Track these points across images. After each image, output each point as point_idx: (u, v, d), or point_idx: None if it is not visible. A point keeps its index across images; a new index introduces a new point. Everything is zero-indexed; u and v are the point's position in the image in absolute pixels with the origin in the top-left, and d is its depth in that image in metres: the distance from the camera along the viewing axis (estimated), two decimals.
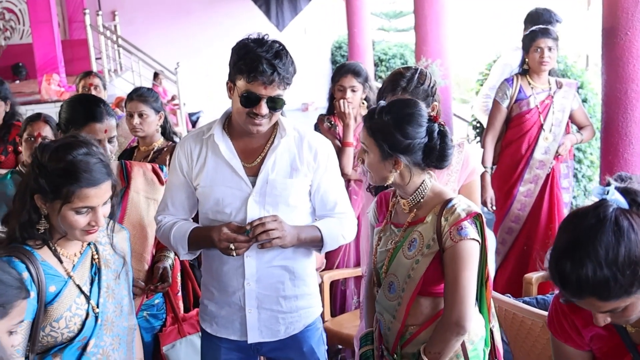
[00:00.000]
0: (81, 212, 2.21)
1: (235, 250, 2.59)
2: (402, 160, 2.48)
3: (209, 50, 14.38)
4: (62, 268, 2.30)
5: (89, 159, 2.20)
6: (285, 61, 2.56)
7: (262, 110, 2.58)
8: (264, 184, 2.70)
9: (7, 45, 13.45)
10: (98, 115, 2.86)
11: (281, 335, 2.83)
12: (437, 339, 2.45)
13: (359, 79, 4.38)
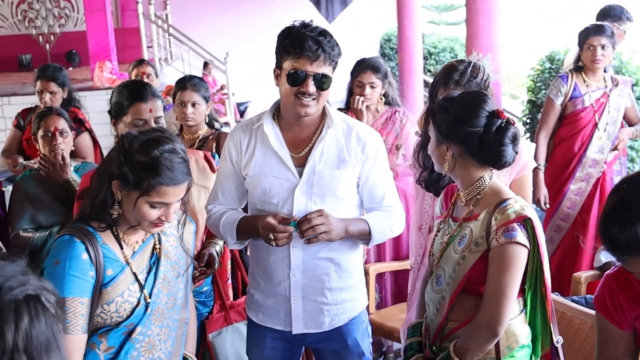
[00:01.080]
0: (155, 207, 2.25)
1: (274, 241, 2.59)
2: (452, 148, 2.44)
3: (258, 40, 14.42)
4: (121, 254, 2.34)
5: (173, 158, 2.24)
6: (329, 39, 2.58)
7: (309, 87, 2.59)
8: (311, 174, 2.71)
9: (61, 32, 13.67)
10: (143, 96, 2.90)
11: (325, 327, 2.83)
12: (467, 336, 2.42)
13: (378, 75, 4.35)
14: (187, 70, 11.57)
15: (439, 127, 2.47)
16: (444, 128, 2.45)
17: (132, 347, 2.37)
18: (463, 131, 2.42)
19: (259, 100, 12.19)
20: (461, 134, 2.42)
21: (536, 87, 7.39)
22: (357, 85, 4.35)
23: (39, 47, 13.53)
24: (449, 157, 2.47)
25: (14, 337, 1.32)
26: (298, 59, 2.57)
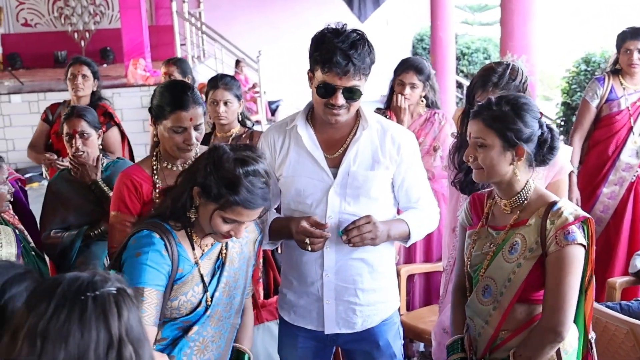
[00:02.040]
0: (228, 222, 2.29)
1: (310, 245, 2.59)
2: (526, 149, 2.41)
3: (290, 39, 14.47)
4: (192, 254, 2.39)
5: (256, 182, 2.27)
6: (361, 51, 2.53)
7: (338, 101, 2.57)
8: (345, 175, 2.70)
9: (96, 29, 13.84)
10: (184, 104, 2.86)
11: (358, 328, 2.82)
12: (530, 344, 2.39)
13: (420, 77, 4.31)
14: (219, 68, 11.63)
15: (503, 136, 2.40)
16: (512, 134, 2.40)
17: (186, 344, 2.42)
18: (530, 134, 2.40)
19: (290, 98, 12.23)
20: (529, 137, 2.40)
21: (571, 89, 7.31)
22: (398, 84, 4.33)
23: (74, 44, 13.71)
24: (516, 163, 2.43)
25: (119, 328, 1.37)
26: (327, 72, 2.54)
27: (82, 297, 1.37)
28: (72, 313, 1.35)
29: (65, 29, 13.88)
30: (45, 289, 1.39)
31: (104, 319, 1.36)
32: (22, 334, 1.34)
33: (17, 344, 1.34)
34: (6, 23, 14.20)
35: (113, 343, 1.36)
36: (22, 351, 1.33)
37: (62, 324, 1.34)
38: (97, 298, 1.37)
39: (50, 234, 3.58)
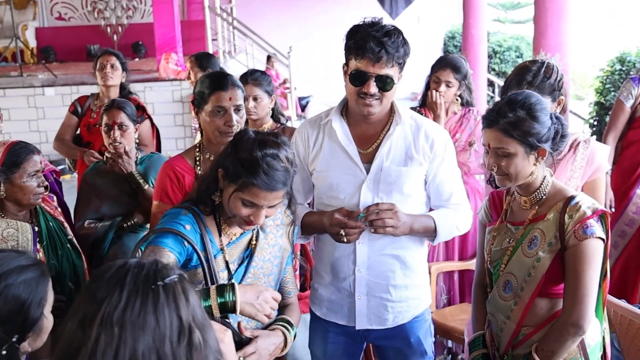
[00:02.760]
0: (246, 205, 2.28)
1: (345, 237, 2.59)
2: (547, 149, 2.43)
3: (321, 35, 14.47)
4: (218, 240, 2.41)
5: (274, 163, 2.25)
6: (394, 40, 2.53)
7: (370, 89, 2.57)
8: (378, 171, 2.70)
9: (128, 24, 13.97)
10: (223, 84, 2.93)
11: (389, 324, 2.83)
12: (552, 338, 2.40)
13: (457, 75, 4.28)
14: (250, 64, 11.67)
15: (524, 141, 2.41)
16: (534, 138, 2.40)
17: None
18: (548, 132, 2.42)
19: (320, 95, 12.24)
20: (547, 135, 2.42)
21: (605, 89, 7.22)
22: (434, 81, 4.31)
23: (106, 38, 13.85)
24: (539, 163, 2.45)
25: (186, 315, 1.38)
26: (361, 59, 2.55)
27: (153, 286, 1.38)
28: (145, 302, 1.36)
29: (98, 23, 14.03)
30: (111, 278, 1.41)
31: (175, 307, 1.38)
32: (96, 323, 1.35)
33: (91, 333, 1.35)
34: (41, 17, 14.38)
35: (184, 330, 1.38)
36: (100, 341, 1.34)
37: (138, 313, 1.35)
38: (167, 286, 1.39)
39: (84, 224, 3.62)
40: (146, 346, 1.34)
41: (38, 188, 2.96)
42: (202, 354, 1.39)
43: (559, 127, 2.45)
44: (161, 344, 1.35)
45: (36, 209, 3.09)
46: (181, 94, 9.86)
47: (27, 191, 2.93)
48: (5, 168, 2.89)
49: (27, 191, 2.93)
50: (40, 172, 2.98)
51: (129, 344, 1.33)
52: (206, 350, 1.41)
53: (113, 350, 1.33)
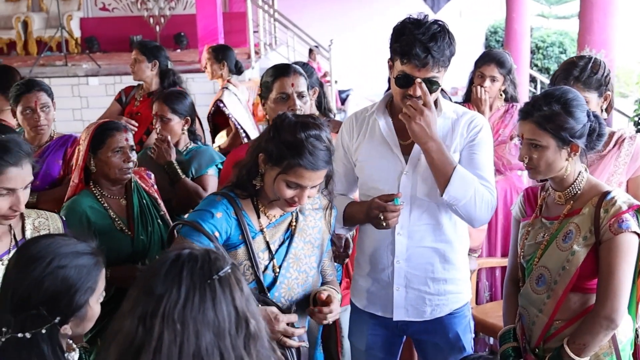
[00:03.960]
0: (291, 187, 2.36)
1: (384, 221, 2.58)
2: (580, 145, 2.45)
3: (362, 28, 14.45)
4: (257, 222, 2.48)
5: (317, 144, 2.33)
6: (440, 44, 2.53)
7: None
8: (417, 161, 2.72)
9: (171, 15, 14.05)
10: (286, 71, 3.09)
11: (427, 317, 2.83)
12: (584, 331, 2.41)
13: (501, 70, 4.25)
14: (291, 56, 11.71)
15: (557, 135, 2.43)
16: (567, 133, 2.43)
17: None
18: (582, 129, 2.44)
19: (360, 88, 12.22)
20: (581, 131, 2.44)
21: None
22: (478, 76, 4.29)
23: (149, 29, 13.94)
24: (572, 158, 2.48)
25: (242, 304, 1.42)
26: (406, 63, 2.56)
27: (209, 280, 1.41)
28: (204, 297, 1.39)
29: (141, 13, 14.13)
30: (168, 272, 1.43)
31: (232, 299, 1.41)
32: (157, 320, 1.38)
33: (153, 330, 1.38)
34: (85, 7, 14.57)
35: (241, 321, 1.41)
36: (163, 338, 1.37)
37: (198, 309, 1.38)
38: (223, 279, 1.42)
39: None
40: (208, 342, 1.37)
41: (124, 164, 3.10)
42: (258, 342, 1.43)
43: (596, 125, 2.47)
44: (222, 339, 1.38)
45: (131, 184, 3.23)
46: None
47: (112, 166, 3.09)
48: (93, 144, 3.09)
49: (112, 166, 3.09)
50: (126, 149, 3.12)
51: (192, 341, 1.37)
52: (261, 337, 1.44)
53: (177, 347, 1.37)
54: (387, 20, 2.67)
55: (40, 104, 3.81)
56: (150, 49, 5.07)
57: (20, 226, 2.57)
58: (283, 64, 3.26)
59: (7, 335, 1.79)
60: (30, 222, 2.60)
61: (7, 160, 2.31)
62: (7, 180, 2.32)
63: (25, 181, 2.37)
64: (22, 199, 2.38)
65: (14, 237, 2.52)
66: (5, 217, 2.39)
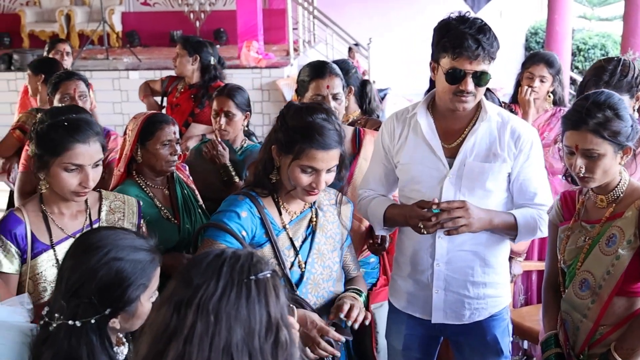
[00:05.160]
0: (306, 172, 2.38)
1: (424, 229, 2.59)
2: (632, 147, 2.43)
3: (401, 28, 14.38)
4: (279, 219, 2.50)
5: (325, 125, 2.37)
6: (489, 35, 2.54)
7: (467, 86, 2.57)
8: (461, 166, 2.69)
9: (211, 10, 14.14)
10: (322, 73, 3.12)
11: (465, 320, 2.82)
12: (632, 335, 2.39)
13: (550, 70, 4.21)
14: (329, 54, 11.70)
15: (614, 141, 2.39)
16: (624, 137, 2.40)
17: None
18: (632, 129, 2.41)
19: (398, 88, 12.16)
20: (633, 132, 2.42)
21: None
22: (527, 77, 4.25)
23: (189, 24, 14.05)
24: (623, 161, 2.46)
25: (275, 312, 1.42)
26: (457, 57, 2.55)
27: (246, 279, 1.42)
28: (239, 295, 1.40)
29: (181, 9, 14.25)
30: (209, 265, 1.45)
31: (266, 303, 1.41)
32: (192, 309, 1.40)
33: (187, 318, 1.39)
34: (127, 1, 14.72)
35: (272, 327, 1.41)
36: (196, 327, 1.38)
37: (233, 304, 1.39)
38: (259, 282, 1.43)
39: None
40: (239, 338, 1.38)
41: (170, 156, 3.17)
42: (287, 352, 1.42)
43: (635, 124, 2.45)
44: (251, 338, 1.39)
45: (173, 176, 3.30)
46: (261, 81, 9.96)
47: (159, 158, 3.16)
48: (142, 136, 3.14)
49: (159, 158, 3.16)
50: (173, 142, 3.18)
51: (224, 334, 1.37)
52: (292, 349, 1.44)
53: (208, 339, 1.37)
54: (426, 19, 2.67)
55: (79, 92, 3.96)
56: (192, 44, 5.15)
57: (97, 207, 2.66)
58: (320, 64, 3.27)
59: (58, 321, 1.82)
60: (107, 203, 2.69)
61: (75, 137, 2.42)
62: (75, 156, 2.42)
63: (93, 158, 2.47)
64: (91, 176, 2.47)
65: (89, 217, 2.61)
66: (76, 193, 2.48)
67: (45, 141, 2.45)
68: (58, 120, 2.46)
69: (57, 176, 2.44)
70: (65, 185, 2.45)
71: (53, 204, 2.55)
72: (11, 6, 14.48)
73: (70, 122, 2.45)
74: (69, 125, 2.44)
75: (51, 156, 2.43)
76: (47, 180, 2.48)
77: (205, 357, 1.37)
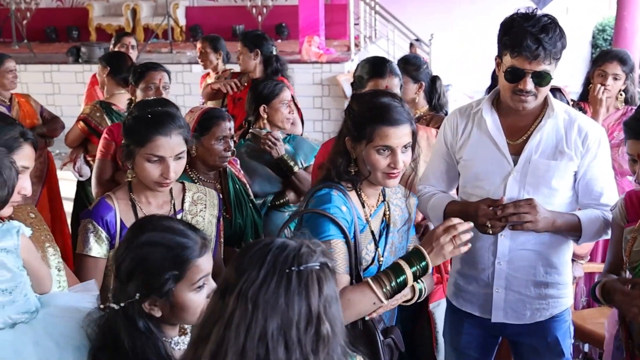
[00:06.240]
0: (382, 153, 2.37)
1: (491, 229, 2.56)
2: None
3: (464, 25, 14.21)
4: (363, 213, 2.50)
5: (391, 101, 2.39)
6: (552, 35, 2.47)
7: (526, 85, 2.52)
8: (526, 163, 2.65)
9: (273, 5, 14.22)
10: (382, 72, 3.12)
11: (526, 320, 2.78)
12: None
13: (624, 68, 4.12)
14: (390, 50, 11.66)
15: None
16: None
17: None
18: None
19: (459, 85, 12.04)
20: None
21: None
22: (599, 75, 4.17)
23: (251, 19, 14.16)
24: None
25: (318, 305, 1.42)
26: (517, 56, 2.51)
27: (288, 270, 1.42)
28: (279, 285, 1.41)
29: (244, 3, 14.36)
30: (255, 253, 1.46)
31: (306, 295, 1.41)
32: (233, 296, 1.42)
33: (228, 305, 1.42)
34: None
35: (312, 319, 1.41)
36: (235, 314, 1.40)
37: (272, 294, 1.40)
38: (301, 273, 1.43)
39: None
40: (275, 327, 1.38)
41: (224, 152, 3.22)
42: (328, 345, 1.42)
43: None
44: (288, 329, 1.39)
45: (226, 171, 3.36)
46: (321, 76, 9.98)
47: (213, 153, 3.21)
48: (197, 130, 3.19)
49: (213, 153, 3.21)
50: (228, 138, 3.23)
51: (260, 323, 1.38)
52: (334, 342, 1.43)
53: (245, 326, 1.39)
54: (489, 17, 2.64)
55: (163, 83, 4.13)
56: (251, 39, 5.19)
57: (181, 197, 2.76)
58: (380, 61, 3.24)
59: (108, 304, 1.87)
60: (190, 194, 2.78)
61: (157, 130, 2.52)
62: (156, 147, 2.53)
63: (174, 151, 2.55)
64: (172, 168, 2.55)
65: (173, 207, 2.71)
66: (157, 183, 2.58)
67: (132, 132, 2.60)
68: (143, 113, 2.61)
69: (140, 166, 2.56)
70: (147, 175, 2.57)
71: (141, 193, 2.66)
72: (80, 0, 14.82)
73: (154, 115, 2.58)
74: (153, 118, 2.56)
75: (136, 146, 2.56)
76: (134, 169, 2.61)
77: (241, 344, 1.39)
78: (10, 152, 2.02)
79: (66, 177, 5.59)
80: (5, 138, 2.06)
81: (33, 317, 1.99)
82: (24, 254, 1.99)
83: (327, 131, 10.05)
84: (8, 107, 5.13)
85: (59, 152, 7.88)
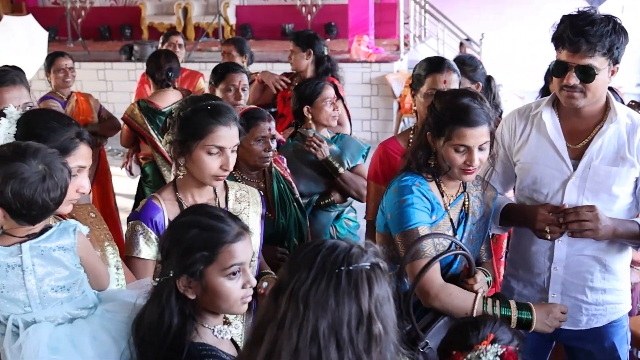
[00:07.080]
0: (459, 151, 2.46)
1: (549, 234, 2.53)
2: None
3: (515, 24, 14.03)
4: (442, 201, 2.58)
5: (471, 104, 2.46)
6: (598, 28, 2.39)
7: (569, 80, 2.46)
8: (586, 168, 2.60)
9: (323, 4, 14.23)
10: (440, 67, 3.11)
11: (582, 326, 2.75)
12: None
13: None
14: (440, 49, 11.60)
15: None
16: None
17: None
18: None
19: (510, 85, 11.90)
20: None
21: None
22: None
23: (301, 18, 14.19)
24: None
25: (369, 304, 1.43)
26: (561, 49, 2.48)
27: (337, 270, 1.43)
28: (329, 285, 1.42)
29: (294, 2, 14.40)
30: (306, 254, 1.48)
31: (356, 295, 1.42)
32: (285, 296, 1.44)
33: (280, 306, 1.44)
34: None
35: (363, 319, 1.42)
36: (287, 314, 1.42)
37: (322, 294, 1.42)
38: (351, 273, 1.43)
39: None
40: (326, 327, 1.40)
41: (264, 152, 3.20)
42: (381, 345, 1.43)
43: None
44: (340, 329, 1.40)
45: (271, 170, 3.34)
46: (370, 76, 9.97)
47: (253, 153, 3.19)
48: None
49: (253, 153, 3.19)
50: (268, 138, 3.20)
51: (311, 323, 1.40)
52: (387, 342, 1.44)
53: (297, 326, 1.41)
54: (540, 16, 2.61)
55: (242, 85, 4.18)
56: (303, 38, 5.18)
57: (224, 195, 2.72)
58: (437, 59, 3.24)
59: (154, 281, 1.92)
60: (233, 193, 2.75)
61: (218, 119, 2.48)
62: (218, 138, 2.47)
63: (232, 142, 2.52)
64: (231, 159, 2.52)
65: (218, 205, 2.65)
66: (216, 177, 2.53)
67: (188, 125, 2.49)
68: (200, 105, 2.53)
69: (199, 159, 2.48)
70: (206, 168, 2.48)
71: (187, 191, 2.59)
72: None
73: (212, 106, 2.52)
74: (212, 109, 2.50)
75: (194, 139, 2.47)
76: (187, 166, 2.53)
77: (294, 344, 1.41)
78: (67, 153, 2.04)
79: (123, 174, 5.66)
80: (62, 139, 2.07)
81: (91, 313, 2.03)
82: (81, 251, 2.01)
83: (376, 130, 10.03)
84: (64, 103, 5.25)
85: (111, 148, 8.02)
